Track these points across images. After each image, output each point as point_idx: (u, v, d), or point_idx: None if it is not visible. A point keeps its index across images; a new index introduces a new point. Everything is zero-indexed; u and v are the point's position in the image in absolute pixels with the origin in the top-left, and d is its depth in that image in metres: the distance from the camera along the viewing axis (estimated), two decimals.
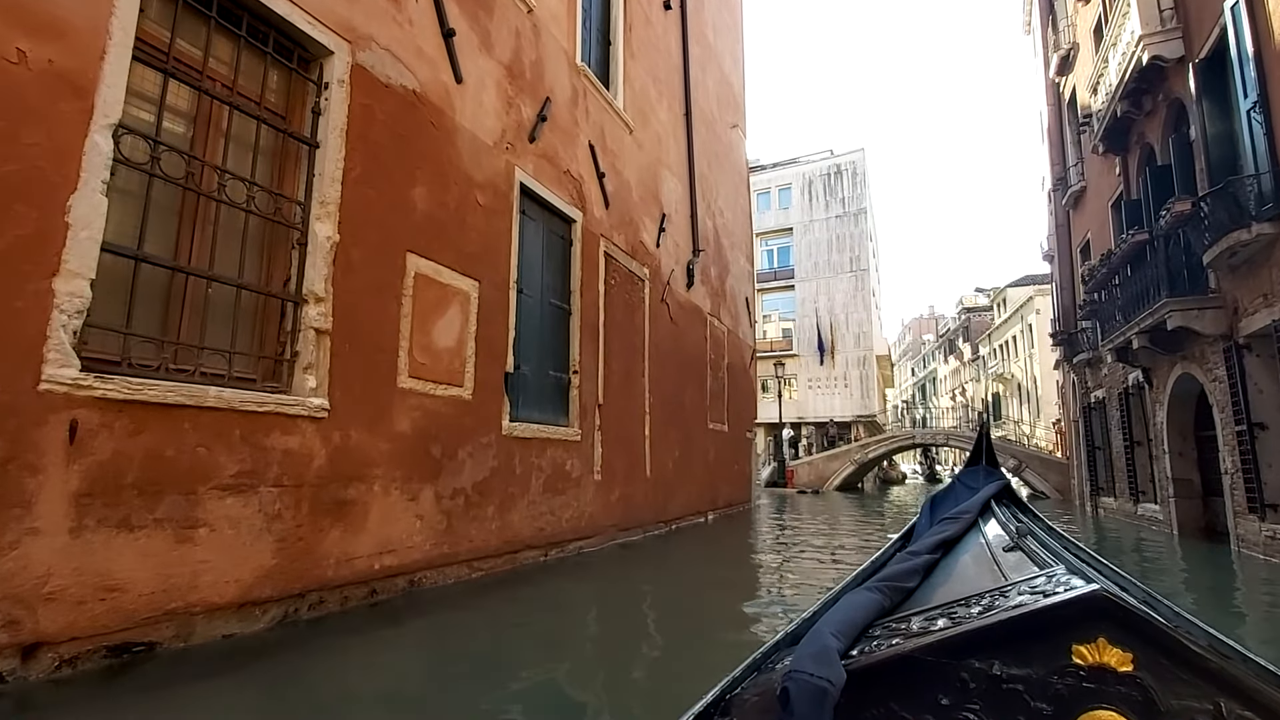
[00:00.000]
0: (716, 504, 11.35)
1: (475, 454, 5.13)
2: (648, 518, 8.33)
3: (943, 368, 60.26)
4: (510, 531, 5.50)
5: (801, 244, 33.90)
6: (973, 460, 3.20)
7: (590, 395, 6.98)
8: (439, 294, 4.85)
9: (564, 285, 6.79)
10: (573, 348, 6.76)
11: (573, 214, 6.90)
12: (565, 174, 6.80)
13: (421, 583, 4.57)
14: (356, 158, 4.23)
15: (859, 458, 23.63)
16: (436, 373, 4.77)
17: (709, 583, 5.84)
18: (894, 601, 1.42)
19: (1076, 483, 17.21)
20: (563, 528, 6.28)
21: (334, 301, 3.99)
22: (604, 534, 7.11)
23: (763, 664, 1.35)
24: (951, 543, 1.85)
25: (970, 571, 1.64)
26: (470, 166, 5.31)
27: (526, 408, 5.96)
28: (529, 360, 6.08)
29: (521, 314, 5.97)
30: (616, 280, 7.86)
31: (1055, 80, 15.96)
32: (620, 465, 7.58)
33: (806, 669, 0.97)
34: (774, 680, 1.09)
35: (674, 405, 9.54)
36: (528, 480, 5.77)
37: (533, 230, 6.30)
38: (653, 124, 9.61)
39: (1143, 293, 9.28)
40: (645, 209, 9.00)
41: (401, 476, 4.40)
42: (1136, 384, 11.27)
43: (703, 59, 12.56)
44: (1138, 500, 11.69)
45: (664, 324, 9.37)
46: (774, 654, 1.39)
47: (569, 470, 6.44)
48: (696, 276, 10.94)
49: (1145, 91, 9.83)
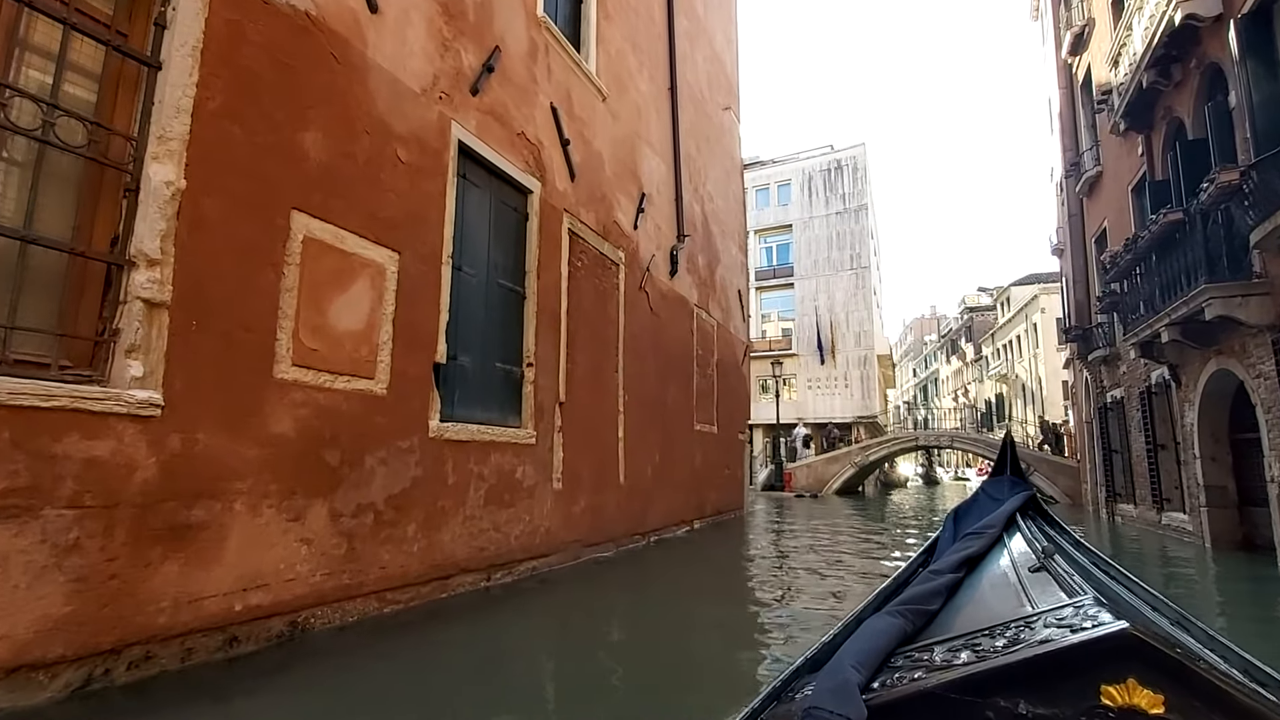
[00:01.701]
0: (704, 512, 10.43)
1: (391, 461, 4.21)
2: (621, 530, 7.42)
3: (945, 368, 59.37)
4: (439, 553, 4.59)
5: (801, 241, 33.05)
6: (997, 470, 3.09)
7: (549, 392, 6.07)
8: (340, 264, 3.94)
9: (517, 265, 5.88)
10: (527, 337, 5.85)
11: (528, 183, 5.99)
12: (519, 137, 5.89)
13: (310, 624, 3.65)
14: (216, 86, 3.32)
15: (860, 460, 22.68)
16: (335, 361, 3.86)
17: (686, 604, 4.92)
18: (916, 626, 1.37)
19: (1089, 488, 16.27)
20: (511, 546, 5.36)
21: (176, 266, 3.08)
22: (566, 551, 6.19)
23: (783, 693, 1.32)
24: (976, 560, 1.79)
25: (995, 595, 1.58)
26: (388, 114, 4.40)
27: (465, 405, 5.04)
28: (470, 350, 5.17)
29: (460, 295, 5.06)
30: (584, 262, 6.95)
31: (1067, 60, 15.05)
32: (587, 471, 6.67)
33: (826, 705, 0.98)
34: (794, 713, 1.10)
35: (654, 404, 8.63)
36: (464, 491, 4.85)
37: (476, 198, 5.39)
38: (631, 94, 8.70)
39: (1174, 280, 8.35)
40: (620, 186, 8.10)
41: (279, 491, 3.49)
42: (1161, 382, 10.34)
43: (691, 32, 11.67)
44: (1162, 508, 10.75)
45: (643, 314, 8.46)
46: (794, 681, 1.36)
47: (520, 478, 5.53)
48: (682, 264, 10.02)
49: (1175, 59, 8.91)
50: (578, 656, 3.82)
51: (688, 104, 11.08)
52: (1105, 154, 13.05)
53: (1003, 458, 3.12)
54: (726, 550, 8.68)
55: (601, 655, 3.84)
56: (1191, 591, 6.47)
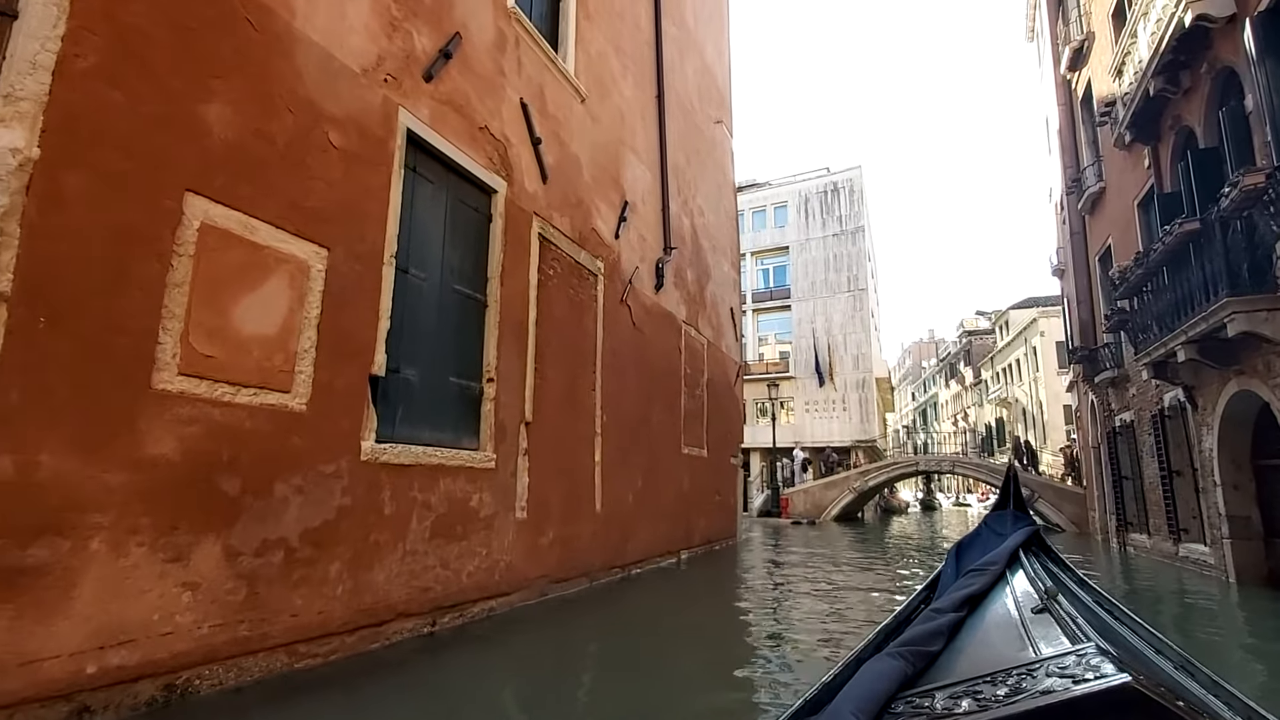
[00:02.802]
0: (692, 541, 9.77)
1: (310, 488, 3.62)
2: (597, 563, 6.77)
3: (944, 392, 58.79)
4: (371, 596, 3.97)
5: (798, 263, 32.75)
6: (1000, 504, 3.03)
7: (513, 410, 5.49)
8: (249, 258, 3.39)
9: (478, 269, 5.34)
10: (488, 349, 5.29)
11: (492, 182, 5.48)
12: (482, 131, 5.40)
13: (194, 686, 3.03)
14: (91, 43, 2.81)
15: (859, 485, 21.97)
16: (238, 370, 3.29)
17: (665, 647, 4.27)
18: (917, 668, 1.36)
19: (1097, 515, 15.60)
20: (463, 585, 4.73)
21: (21, 250, 2.53)
22: (530, 588, 5.55)
23: None
24: (978, 599, 1.76)
25: (997, 637, 1.55)
26: (319, 93, 3.90)
27: (410, 424, 4.46)
28: (416, 362, 4.60)
29: (405, 300, 4.51)
30: (557, 270, 6.42)
31: (1066, 76, 14.76)
32: (557, 499, 6.06)
33: None
34: None
35: (637, 425, 8.04)
36: (404, 523, 4.25)
37: (429, 195, 4.87)
38: (614, 98, 8.27)
39: (1189, 295, 7.84)
40: (601, 192, 7.61)
41: (155, 525, 2.89)
42: (1175, 404, 9.78)
43: (681, 42, 11.32)
44: (1179, 539, 10.10)
45: (624, 329, 7.92)
46: None
47: (475, 507, 4.92)
48: (669, 278, 9.51)
49: (1184, 65, 8.51)
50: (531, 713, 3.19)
51: (676, 113, 10.68)
52: (1108, 169, 12.65)
53: (1005, 490, 3.04)
54: (714, 586, 8.02)
55: (560, 710, 3.21)
56: (1217, 631, 5.84)
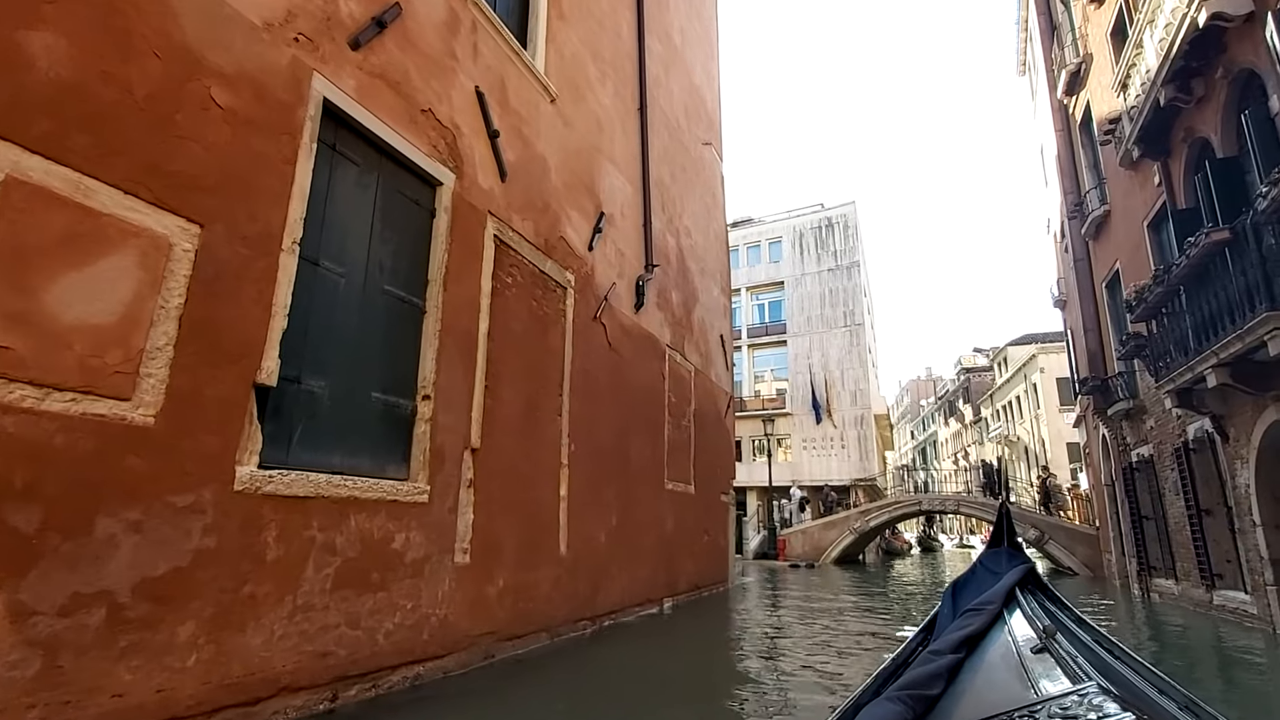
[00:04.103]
0: (676, 588, 8.83)
1: (153, 525, 2.79)
2: (560, 615, 5.86)
3: (943, 430, 57.87)
4: (243, 665, 3.10)
5: (793, 298, 32.36)
6: (994, 542, 3.04)
7: (455, 434, 4.68)
8: (78, 227, 2.65)
9: (415, 270, 4.61)
10: (425, 361, 4.51)
11: (437, 173, 4.80)
12: (425, 114, 4.74)
13: None
14: None
15: (859, 526, 20.91)
16: (50, 368, 2.52)
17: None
18: (917, 712, 1.34)
19: (1113, 558, 14.62)
20: (378, 647, 3.85)
21: None
22: (472, 648, 4.65)
23: None
24: (976, 639, 1.74)
25: (997, 678, 1.53)
26: (201, 41, 3.22)
27: (311, 447, 3.66)
28: (326, 371, 3.82)
29: (314, 297, 3.76)
30: (517, 279, 5.70)
31: (1063, 101, 14.42)
32: (510, 539, 5.20)
33: None
34: None
35: (612, 456, 7.21)
36: (296, 570, 3.40)
37: (353, 178, 4.17)
38: (589, 103, 7.70)
39: (1218, 313, 7.14)
40: (572, 199, 6.96)
41: None
42: (1202, 436, 8.98)
43: (666, 58, 10.90)
44: (1212, 585, 9.18)
45: (598, 350, 7.16)
46: None
47: (399, 550, 4.07)
48: (650, 298, 8.81)
49: (1196, 71, 8.00)
50: None
51: (661, 129, 10.16)
52: (1113, 191, 12.13)
53: (999, 529, 3.03)
54: (701, 640, 7.05)
55: None
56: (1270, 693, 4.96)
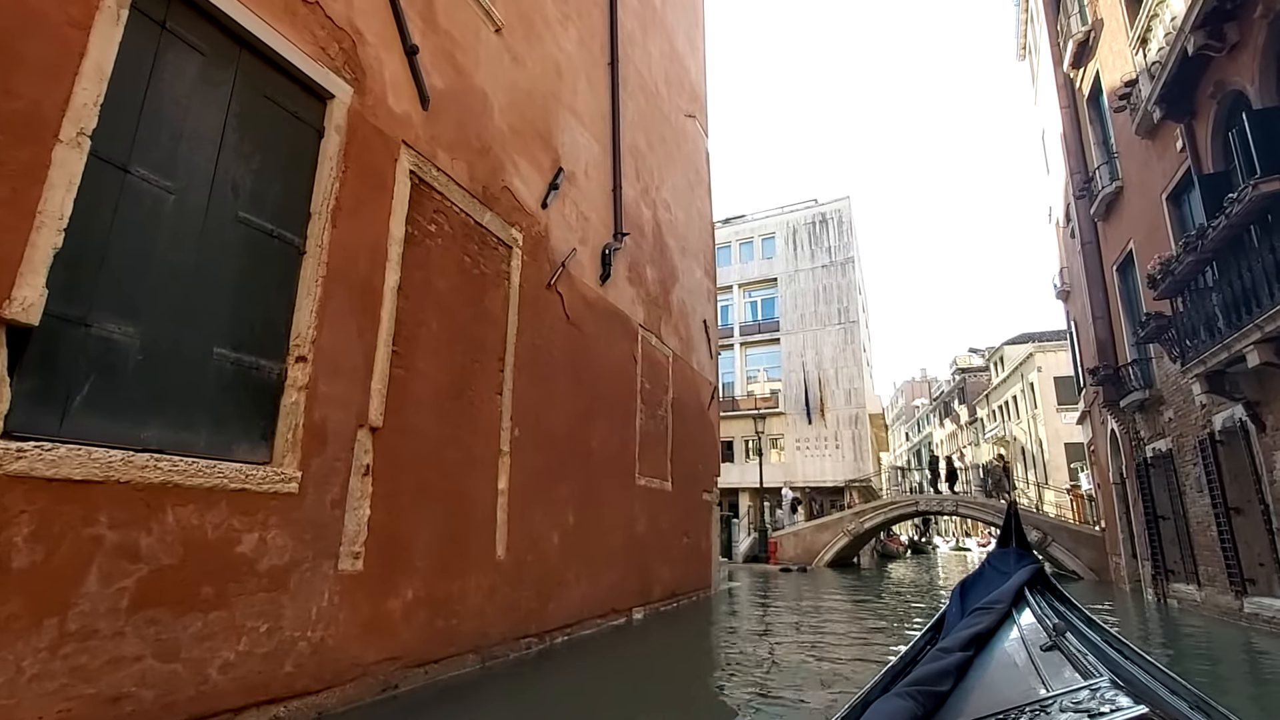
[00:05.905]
0: (650, 595, 7.86)
1: None
2: (496, 632, 4.88)
3: (938, 431, 57.07)
4: None
5: (786, 295, 31.47)
6: (1002, 541, 3.07)
7: (343, 408, 3.71)
8: None
9: (291, 199, 3.63)
10: (300, 314, 3.54)
11: (326, 82, 3.83)
12: (310, 6, 3.78)
13: None
14: None
15: (853, 528, 19.98)
16: None
17: None
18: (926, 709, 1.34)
19: (1122, 561, 13.72)
20: (211, 685, 2.87)
21: None
22: (363, 679, 3.67)
23: None
24: (985, 637, 1.75)
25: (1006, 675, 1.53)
26: None
27: (106, 412, 2.68)
28: (135, 313, 2.84)
29: (122, 214, 2.78)
30: (441, 227, 4.73)
31: (1069, 75, 13.57)
32: (424, 540, 4.22)
33: None
34: None
35: (569, 445, 6.25)
36: (65, 583, 2.41)
37: (194, 70, 3.20)
38: (547, 45, 6.76)
39: (1260, 282, 6.26)
40: (522, 147, 6.00)
41: None
42: (1233, 425, 8.09)
43: (644, 18, 9.98)
44: (1243, 591, 8.27)
45: (553, 322, 6.20)
46: None
47: (250, 555, 3.09)
48: (620, 270, 7.86)
49: (1229, 15, 7.13)
50: None
51: (636, 92, 9.23)
52: (1126, 165, 11.25)
53: (1007, 529, 3.02)
54: (672, 656, 6.06)
55: None
56: None
